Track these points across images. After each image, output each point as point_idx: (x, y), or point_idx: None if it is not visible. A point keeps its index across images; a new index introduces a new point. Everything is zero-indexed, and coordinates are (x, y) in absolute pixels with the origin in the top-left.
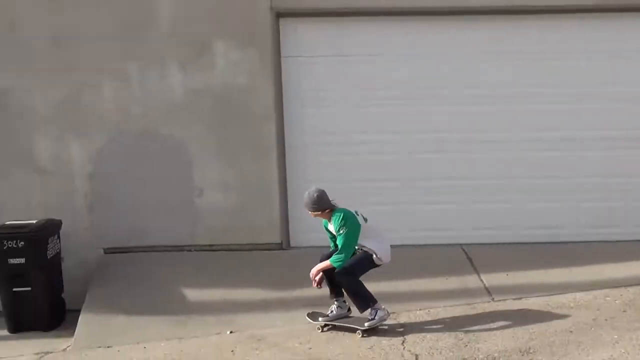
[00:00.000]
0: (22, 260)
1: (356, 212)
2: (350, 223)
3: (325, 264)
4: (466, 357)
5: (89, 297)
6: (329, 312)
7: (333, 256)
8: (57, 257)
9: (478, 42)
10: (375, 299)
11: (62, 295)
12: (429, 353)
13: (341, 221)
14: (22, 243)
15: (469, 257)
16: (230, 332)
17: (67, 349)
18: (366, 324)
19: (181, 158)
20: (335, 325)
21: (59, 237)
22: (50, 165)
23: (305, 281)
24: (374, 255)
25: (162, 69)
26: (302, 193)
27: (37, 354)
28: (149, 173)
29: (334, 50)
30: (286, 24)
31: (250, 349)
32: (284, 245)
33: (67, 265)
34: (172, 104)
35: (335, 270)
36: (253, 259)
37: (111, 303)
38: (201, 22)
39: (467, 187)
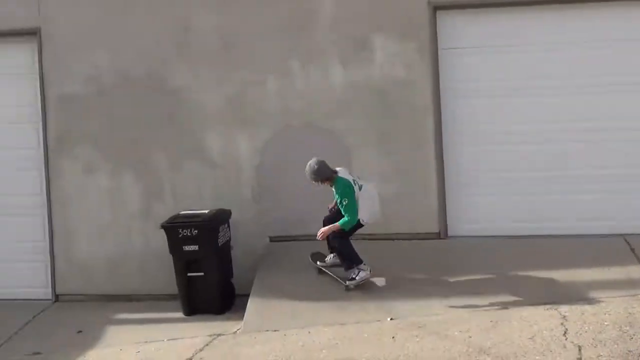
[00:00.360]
0: (196, 248)
1: (354, 181)
2: (349, 193)
3: (335, 226)
4: (631, 349)
5: (257, 283)
6: (327, 258)
7: (341, 221)
8: (227, 245)
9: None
10: (360, 260)
11: (232, 280)
12: (592, 344)
13: (341, 193)
14: (196, 231)
15: (631, 247)
16: (391, 319)
17: (237, 331)
18: (347, 282)
19: (341, 150)
20: (327, 273)
21: (228, 225)
22: (220, 158)
23: (463, 270)
24: (361, 220)
25: (323, 65)
26: (459, 184)
27: (210, 335)
28: None
29: (490, 41)
30: (443, 17)
31: (410, 335)
32: (441, 234)
33: (235, 253)
34: (332, 98)
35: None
36: (411, 248)
37: (277, 289)
38: (360, 17)
39: (628, 176)
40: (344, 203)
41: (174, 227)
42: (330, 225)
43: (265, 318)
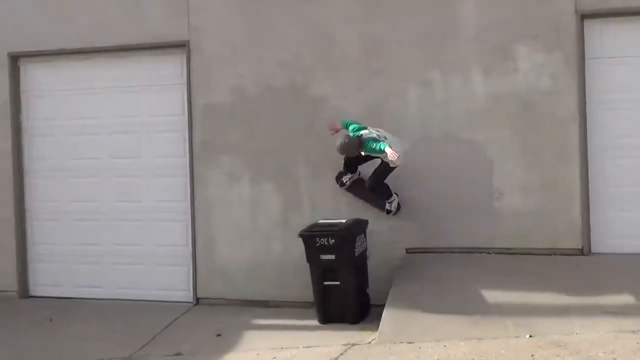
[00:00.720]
0: (333, 257)
1: (378, 136)
2: (375, 140)
3: (389, 150)
4: None
5: (392, 293)
6: (348, 178)
7: (383, 145)
8: (363, 255)
9: None
10: (391, 194)
11: (367, 290)
12: None
13: (372, 144)
14: (333, 241)
15: None
16: (530, 336)
17: (372, 342)
18: (387, 213)
19: (481, 161)
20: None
21: (365, 235)
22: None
23: (607, 288)
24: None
25: (464, 75)
26: (605, 198)
27: (345, 345)
28: (449, 176)
29: None
30: (591, 26)
31: (550, 354)
32: (584, 251)
33: (370, 263)
34: (473, 109)
35: (368, 185)
36: (552, 264)
37: (412, 300)
38: (503, 27)
39: None
40: (374, 145)
41: (311, 236)
42: (390, 151)
43: (400, 329)
